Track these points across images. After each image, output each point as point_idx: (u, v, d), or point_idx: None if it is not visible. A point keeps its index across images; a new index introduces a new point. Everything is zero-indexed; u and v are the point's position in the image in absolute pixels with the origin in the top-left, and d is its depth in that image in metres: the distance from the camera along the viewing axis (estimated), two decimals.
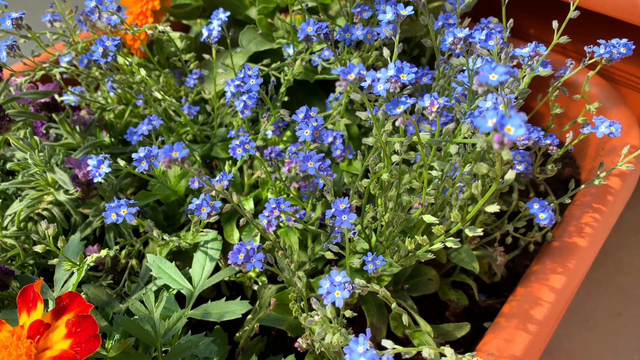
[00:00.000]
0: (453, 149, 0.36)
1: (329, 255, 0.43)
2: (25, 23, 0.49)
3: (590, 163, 0.66)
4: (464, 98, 0.46)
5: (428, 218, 0.39)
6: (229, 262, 0.38)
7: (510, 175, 0.30)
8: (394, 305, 0.40)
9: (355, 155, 0.54)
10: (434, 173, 0.40)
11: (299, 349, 0.44)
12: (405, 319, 0.39)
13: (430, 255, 0.41)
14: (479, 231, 0.36)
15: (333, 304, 0.36)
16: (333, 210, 0.39)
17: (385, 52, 0.40)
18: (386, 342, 0.32)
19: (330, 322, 0.38)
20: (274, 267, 0.39)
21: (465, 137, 0.38)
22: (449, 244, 0.38)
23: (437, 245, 0.39)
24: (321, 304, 0.38)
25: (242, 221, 0.41)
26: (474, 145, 0.39)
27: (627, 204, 0.58)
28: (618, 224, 0.59)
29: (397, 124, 0.35)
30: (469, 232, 0.36)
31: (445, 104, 0.36)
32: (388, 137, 0.39)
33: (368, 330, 0.33)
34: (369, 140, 0.38)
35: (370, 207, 0.46)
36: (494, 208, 0.34)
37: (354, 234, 0.41)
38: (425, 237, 0.40)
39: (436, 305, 0.56)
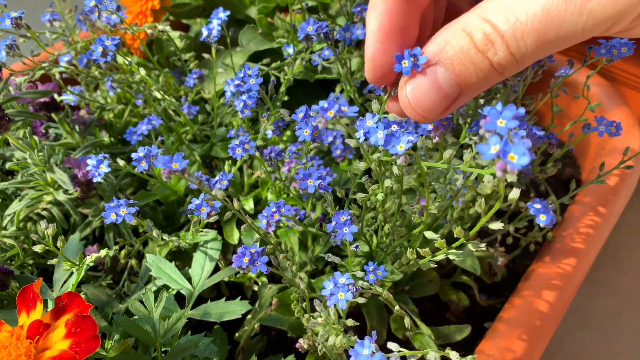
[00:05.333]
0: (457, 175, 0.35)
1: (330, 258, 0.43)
2: (25, 22, 0.49)
3: (591, 163, 0.66)
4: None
5: (430, 234, 0.38)
6: (234, 265, 0.37)
7: (515, 194, 0.30)
8: (396, 308, 0.40)
9: (355, 155, 0.54)
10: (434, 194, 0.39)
11: (300, 350, 0.44)
12: (407, 322, 0.39)
13: (432, 265, 0.41)
14: (482, 246, 0.36)
15: (336, 305, 0.36)
16: (334, 223, 0.38)
17: None
18: (392, 345, 0.32)
19: (334, 324, 0.37)
20: (279, 270, 0.39)
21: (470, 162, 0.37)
22: (451, 257, 0.38)
23: (440, 257, 0.39)
24: (324, 305, 0.37)
25: (243, 226, 0.41)
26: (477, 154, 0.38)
27: (628, 203, 0.58)
28: (619, 224, 0.59)
29: (399, 162, 0.33)
30: (472, 248, 0.36)
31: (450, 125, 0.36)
32: (384, 158, 0.37)
33: (374, 332, 0.33)
34: (360, 166, 0.38)
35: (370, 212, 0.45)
36: (497, 225, 0.34)
37: (356, 247, 0.41)
38: (427, 249, 0.39)
39: (437, 306, 0.56)
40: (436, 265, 0.41)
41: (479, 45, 0.27)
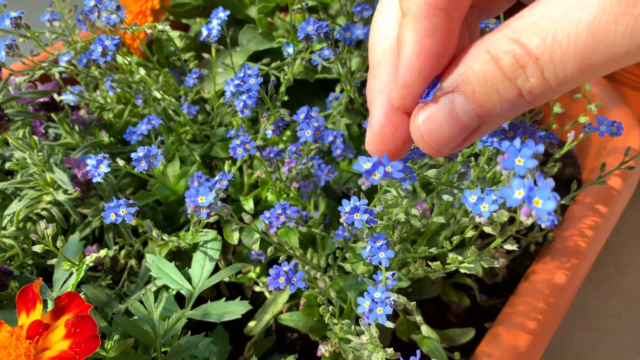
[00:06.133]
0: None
1: (348, 268, 0.43)
2: (24, 22, 0.48)
3: (591, 163, 0.66)
4: None
5: (452, 258, 0.38)
6: (270, 288, 0.36)
7: (530, 220, 0.29)
8: (418, 319, 0.39)
9: (355, 155, 0.54)
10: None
11: (320, 356, 0.43)
12: (424, 330, 0.39)
13: (441, 274, 0.40)
14: (496, 263, 0.36)
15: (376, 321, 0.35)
16: (369, 248, 0.37)
17: None
18: None
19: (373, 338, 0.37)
20: (312, 282, 0.39)
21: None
22: (462, 271, 0.37)
23: (450, 268, 0.39)
24: (359, 317, 0.37)
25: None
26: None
27: (628, 204, 0.58)
28: (619, 224, 0.59)
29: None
30: (485, 265, 0.36)
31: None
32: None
33: (418, 352, 0.33)
34: (387, 197, 0.37)
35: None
36: (511, 246, 0.34)
37: (394, 275, 0.40)
38: (438, 262, 0.39)
39: (438, 306, 0.56)
40: (445, 275, 0.41)
41: (506, 72, 0.23)
